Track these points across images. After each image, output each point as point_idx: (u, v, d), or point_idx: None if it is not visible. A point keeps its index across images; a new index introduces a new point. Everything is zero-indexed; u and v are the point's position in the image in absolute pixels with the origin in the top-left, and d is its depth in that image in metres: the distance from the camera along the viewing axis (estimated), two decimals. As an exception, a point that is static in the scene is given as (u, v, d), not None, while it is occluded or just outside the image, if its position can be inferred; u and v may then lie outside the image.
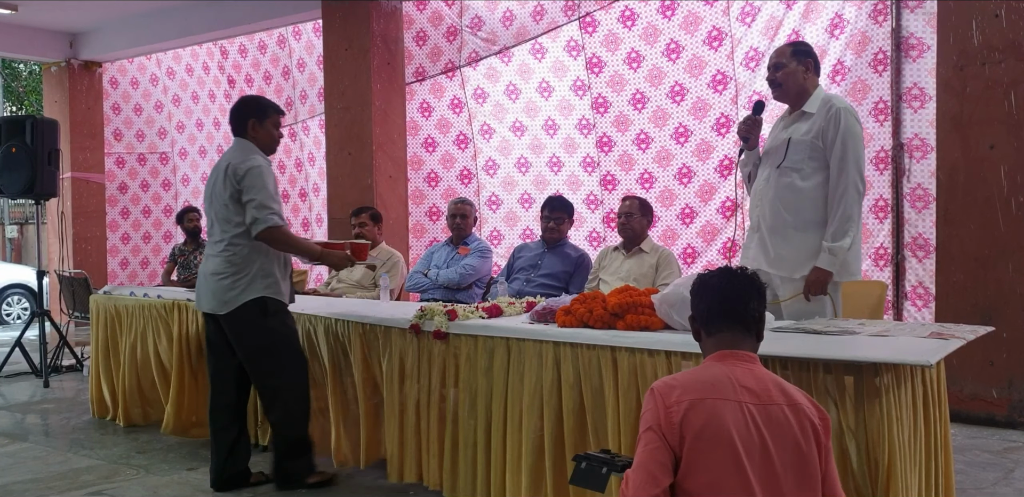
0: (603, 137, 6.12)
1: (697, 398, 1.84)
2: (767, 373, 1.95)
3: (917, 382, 2.47)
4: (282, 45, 8.09)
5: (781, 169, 3.31)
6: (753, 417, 1.83)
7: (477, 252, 5.17)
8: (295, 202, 8.28)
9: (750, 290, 2.03)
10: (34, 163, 6.27)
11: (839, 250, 3.18)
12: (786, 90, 3.35)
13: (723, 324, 2.00)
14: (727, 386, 1.87)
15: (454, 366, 3.26)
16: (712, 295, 2.04)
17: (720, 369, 1.93)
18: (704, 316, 2.05)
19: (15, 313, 10.93)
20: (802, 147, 3.26)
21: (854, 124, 3.24)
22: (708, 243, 5.69)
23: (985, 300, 4.40)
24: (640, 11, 5.83)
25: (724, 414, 1.82)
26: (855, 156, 3.21)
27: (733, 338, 1.99)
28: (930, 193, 4.81)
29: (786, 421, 1.85)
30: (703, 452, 1.79)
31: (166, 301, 4.56)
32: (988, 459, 3.85)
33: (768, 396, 1.87)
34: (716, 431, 1.80)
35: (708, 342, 2.04)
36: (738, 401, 1.84)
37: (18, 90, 20.75)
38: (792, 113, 3.40)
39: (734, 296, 2.01)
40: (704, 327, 2.05)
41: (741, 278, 2.05)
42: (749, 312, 2.01)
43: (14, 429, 4.85)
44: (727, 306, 2.01)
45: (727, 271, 2.08)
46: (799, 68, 3.32)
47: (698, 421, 1.81)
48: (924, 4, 4.83)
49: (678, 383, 1.90)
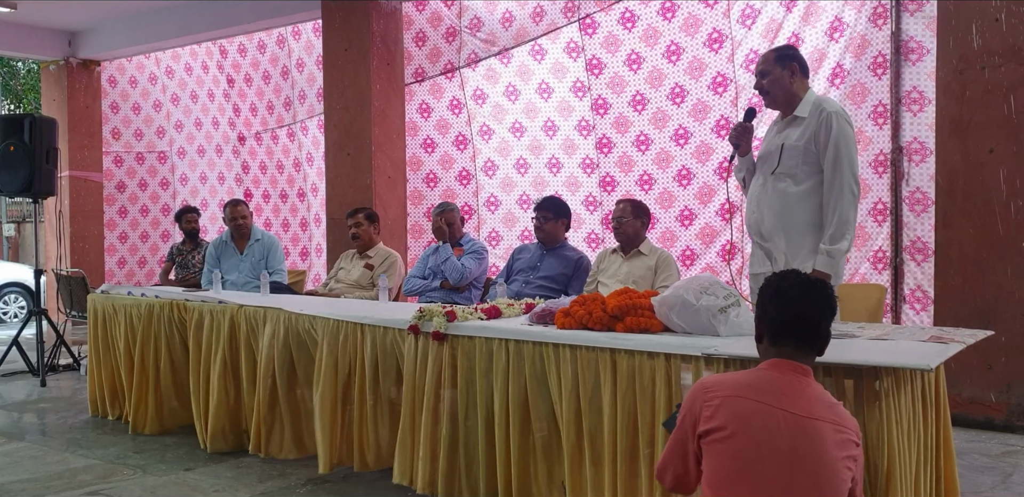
0: (603, 138, 6.12)
1: (731, 395, 1.85)
2: (818, 389, 1.90)
3: (917, 386, 2.47)
4: (281, 45, 8.08)
5: (776, 175, 3.30)
6: (786, 426, 1.79)
7: (472, 253, 5.14)
8: (293, 202, 8.28)
9: (826, 307, 1.98)
10: (32, 161, 6.25)
11: (837, 252, 3.18)
12: (775, 97, 3.34)
13: (792, 339, 1.95)
14: (766, 391, 1.85)
15: (452, 367, 3.26)
16: (786, 305, 1.97)
17: (767, 375, 1.91)
18: (774, 326, 1.98)
19: (12, 311, 10.90)
20: (795, 153, 3.26)
21: (846, 127, 3.22)
22: (707, 245, 5.69)
23: (984, 304, 4.40)
24: (640, 13, 5.83)
25: (750, 415, 1.81)
26: (848, 159, 3.20)
27: (796, 352, 1.95)
28: (929, 197, 4.81)
29: (821, 439, 1.79)
30: (718, 447, 1.81)
31: (164, 301, 4.55)
32: (986, 463, 3.85)
33: (811, 409, 1.83)
34: (739, 427, 1.80)
35: (769, 349, 1.99)
36: (772, 406, 1.82)
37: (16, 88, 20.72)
38: (784, 118, 3.40)
39: (810, 311, 1.96)
40: (770, 335, 1.99)
41: (819, 291, 1.98)
42: (821, 330, 1.97)
43: (11, 428, 4.84)
44: (800, 321, 1.95)
45: (810, 284, 2.01)
46: (784, 73, 3.30)
47: (726, 415, 1.82)
48: (924, 8, 4.84)
49: (719, 381, 1.92)
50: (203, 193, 9.18)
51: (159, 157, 9.53)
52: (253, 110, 8.46)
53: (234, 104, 8.61)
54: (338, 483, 3.69)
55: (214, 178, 9.05)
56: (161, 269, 7.16)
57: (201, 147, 9.13)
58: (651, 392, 2.69)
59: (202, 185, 9.19)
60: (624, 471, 2.75)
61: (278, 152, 8.37)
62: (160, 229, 9.64)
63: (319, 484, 3.68)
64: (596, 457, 2.87)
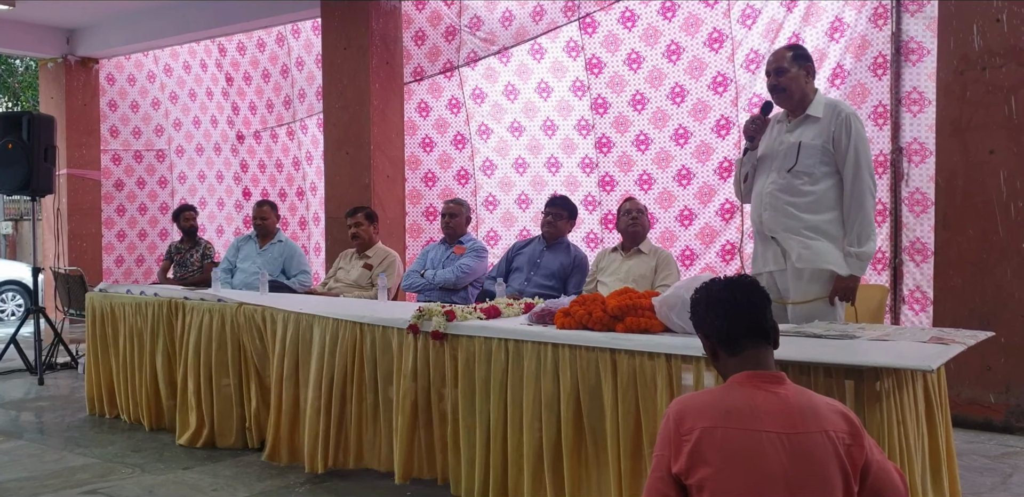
0: (602, 138, 6.11)
1: (710, 426, 1.73)
2: (797, 394, 1.81)
3: (918, 387, 2.47)
4: (281, 43, 8.06)
5: (792, 173, 3.31)
6: (774, 448, 1.70)
7: (472, 252, 5.15)
8: (292, 201, 8.26)
9: (763, 298, 1.92)
10: (31, 159, 6.24)
11: (866, 255, 3.23)
12: (790, 95, 3.34)
13: (747, 341, 1.87)
14: (747, 415, 1.73)
15: (452, 367, 3.25)
16: (727, 310, 1.89)
17: (742, 394, 1.79)
18: (723, 334, 1.89)
19: (9, 309, 10.89)
20: (813, 152, 3.28)
21: (862, 129, 3.30)
22: (707, 245, 5.69)
23: (983, 305, 4.40)
24: (640, 12, 5.83)
25: (737, 445, 1.70)
26: (867, 161, 3.27)
27: (758, 355, 1.86)
28: (928, 197, 4.81)
29: (813, 451, 1.71)
30: (711, 484, 1.70)
31: (163, 299, 4.54)
32: (985, 464, 3.84)
33: (794, 424, 1.73)
34: (725, 464, 1.69)
35: (731, 362, 1.89)
36: (757, 431, 1.71)
37: (14, 86, 20.67)
38: (792, 117, 3.40)
39: (751, 308, 1.89)
40: (726, 347, 1.89)
41: (751, 287, 1.93)
42: (768, 322, 1.90)
43: (9, 427, 4.83)
44: (748, 320, 1.88)
45: (734, 282, 1.95)
46: (800, 72, 3.33)
47: (708, 452, 1.71)
48: (924, 8, 4.83)
49: (693, 408, 1.79)
50: (201, 191, 9.16)
51: (157, 155, 9.51)
52: (252, 109, 8.45)
53: (233, 103, 8.59)
54: (337, 482, 3.68)
55: (212, 177, 9.03)
56: (159, 267, 7.15)
57: (200, 145, 9.11)
58: (653, 392, 2.69)
59: (200, 183, 9.18)
60: (628, 469, 2.75)
61: (277, 151, 8.36)
62: (158, 228, 9.62)
63: (318, 483, 3.67)
64: (597, 457, 2.87)
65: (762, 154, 3.46)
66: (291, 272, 5.76)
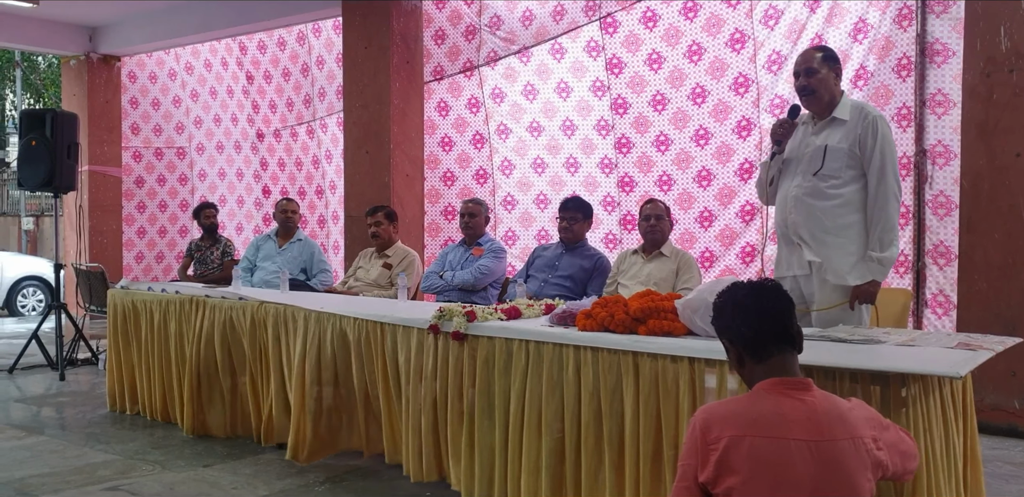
0: (621, 138, 6.09)
1: (737, 435, 1.72)
2: (823, 401, 1.79)
3: (945, 393, 2.44)
4: (301, 42, 8.09)
5: (819, 176, 3.29)
6: (802, 456, 1.69)
7: (491, 253, 5.15)
8: (312, 199, 8.29)
9: (789, 303, 1.91)
10: (53, 156, 6.29)
11: (887, 260, 3.20)
12: (819, 97, 3.31)
13: (774, 347, 1.86)
14: (774, 423, 1.73)
15: (472, 367, 3.24)
16: (754, 316, 1.88)
17: (769, 402, 1.78)
18: (750, 341, 1.88)
19: (30, 305, 10.98)
20: (840, 155, 3.25)
21: (889, 132, 3.26)
22: (726, 247, 5.66)
23: (1008, 310, 4.35)
24: (662, 12, 5.80)
25: (765, 454, 1.70)
26: (893, 165, 3.24)
27: (784, 361, 1.85)
28: (952, 200, 4.76)
29: (841, 458, 1.70)
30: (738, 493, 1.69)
31: (184, 297, 4.57)
32: (1010, 471, 3.80)
33: (821, 431, 1.72)
34: (753, 473, 1.69)
35: (757, 369, 1.88)
36: (785, 439, 1.71)
37: (37, 83, 20.85)
38: (818, 120, 3.37)
39: (778, 314, 1.88)
40: (752, 353, 1.88)
41: (776, 292, 1.92)
42: (794, 327, 1.89)
43: (30, 422, 4.87)
44: (775, 326, 1.87)
45: (760, 287, 1.94)
46: (830, 74, 3.30)
47: (736, 461, 1.70)
48: (950, 9, 4.78)
49: (720, 416, 1.78)
50: (221, 189, 9.21)
51: (178, 153, 9.57)
52: (272, 107, 8.48)
53: (253, 101, 8.63)
54: (355, 482, 3.69)
55: (232, 174, 9.08)
56: (179, 265, 7.20)
57: (220, 143, 9.16)
58: (675, 396, 2.67)
59: (220, 181, 9.22)
60: (648, 473, 2.73)
61: (297, 149, 8.39)
62: (178, 225, 9.68)
63: (337, 483, 3.68)
64: (616, 460, 2.85)
65: (788, 157, 3.43)
66: (312, 271, 5.79)
